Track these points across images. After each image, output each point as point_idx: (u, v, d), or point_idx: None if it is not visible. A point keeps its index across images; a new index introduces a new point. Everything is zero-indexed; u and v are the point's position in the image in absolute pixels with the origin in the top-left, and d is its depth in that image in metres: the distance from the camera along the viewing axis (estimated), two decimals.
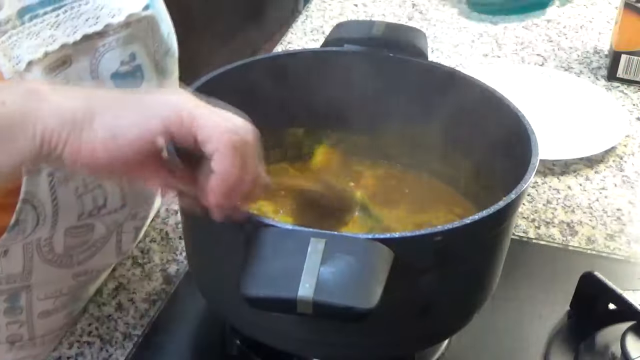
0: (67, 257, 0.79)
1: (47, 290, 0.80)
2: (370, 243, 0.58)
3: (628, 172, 1.07)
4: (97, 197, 0.76)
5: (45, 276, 0.79)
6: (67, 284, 0.82)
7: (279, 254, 0.58)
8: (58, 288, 0.81)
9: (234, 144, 0.57)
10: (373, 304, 0.55)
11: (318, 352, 0.72)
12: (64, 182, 0.72)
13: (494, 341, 0.80)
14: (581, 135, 1.12)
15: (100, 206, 0.77)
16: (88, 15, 0.73)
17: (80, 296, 0.85)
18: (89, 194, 0.75)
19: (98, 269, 0.84)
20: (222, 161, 0.57)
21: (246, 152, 0.58)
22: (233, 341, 0.78)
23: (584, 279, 0.82)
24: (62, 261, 0.79)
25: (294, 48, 1.31)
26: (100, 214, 0.77)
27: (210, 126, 0.57)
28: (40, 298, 0.80)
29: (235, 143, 0.57)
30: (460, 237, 0.63)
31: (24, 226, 0.72)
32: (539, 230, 0.97)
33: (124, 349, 0.79)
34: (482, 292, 0.71)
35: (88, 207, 0.76)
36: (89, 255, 0.81)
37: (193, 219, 0.71)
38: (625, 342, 0.74)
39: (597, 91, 1.21)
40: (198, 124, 0.57)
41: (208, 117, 0.58)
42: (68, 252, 0.79)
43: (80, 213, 0.76)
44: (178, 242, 0.93)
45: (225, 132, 0.57)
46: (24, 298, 0.79)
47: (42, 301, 0.81)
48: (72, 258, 0.79)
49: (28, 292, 0.79)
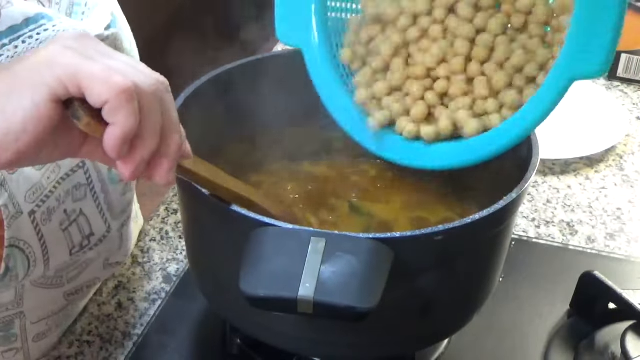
0: (58, 278, 0.78)
1: (39, 313, 0.79)
2: (371, 243, 0.58)
3: (628, 171, 1.07)
4: (82, 225, 0.75)
5: (38, 300, 0.77)
6: (59, 303, 0.81)
7: (280, 253, 0.58)
8: (51, 309, 0.80)
9: (125, 91, 0.50)
10: (373, 303, 0.55)
11: (318, 352, 0.72)
12: (47, 218, 0.70)
13: (494, 341, 0.80)
14: (581, 135, 1.12)
15: (88, 235, 0.76)
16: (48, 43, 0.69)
17: (72, 313, 0.84)
18: (74, 225, 0.74)
19: (88, 284, 0.83)
20: (114, 113, 0.50)
21: (147, 101, 0.52)
22: (233, 340, 0.78)
23: (584, 278, 0.82)
24: (52, 282, 0.78)
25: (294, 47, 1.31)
26: (91, 243, 0.76)
27: (95, 77, 0.50)
28: (33, 322, 0.79)
29: (126, 90, 0.50)
30: (461, 237, 0.63)
31: (16, 272, 0.69)
32: (539, 229, 0.97)
33: (123, 348, 0.79)
34: (482, 292, 0.71)
35: (77, 239, 0.75)
36: (78, 273, 0.80)
37: (193, 218, 0.71)
38: (625, 341, 0.74)
39: (597, 90, 1.21)
40: (83, 85, 0.50)
41: (90, 68, 0.50)
42: (58, 274, 0.78)
43: (70, 247, 0.74)
44: (178, 242, 0.93)
45: (112, 81, 0.50)
46: (18, 325, 0.78)
47: (35, 324, 0.79)
48: (62, 278, 0.79)
49: (22, 319, 0.77)
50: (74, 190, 0.74)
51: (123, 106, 0.50)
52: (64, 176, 0.73)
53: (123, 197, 0.80)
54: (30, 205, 0.69)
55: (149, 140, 0.52)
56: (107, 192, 0.78)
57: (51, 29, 0.69)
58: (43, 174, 0.71)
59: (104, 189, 0.77)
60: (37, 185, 0.70)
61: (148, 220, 0.96)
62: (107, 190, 0.78)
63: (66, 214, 0.73)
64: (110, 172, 0.78)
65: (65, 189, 0.73)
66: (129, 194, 0.81)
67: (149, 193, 1.25)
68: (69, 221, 0.74)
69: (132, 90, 0.50)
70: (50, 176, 0.72)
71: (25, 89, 0.50)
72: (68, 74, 0.50)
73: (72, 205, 0.74)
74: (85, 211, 0.75)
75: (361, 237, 0.59)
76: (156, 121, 0.53)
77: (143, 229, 0.94)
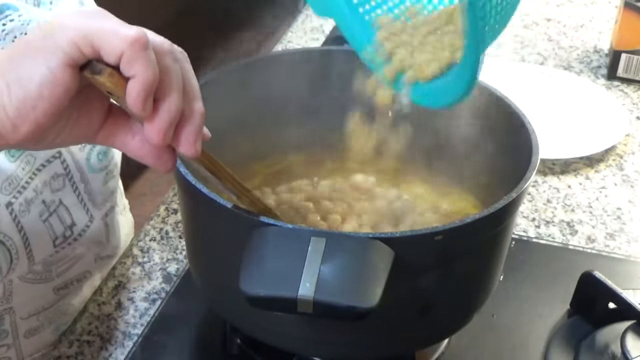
0: (46, 272, 0.78)
1: (29, 309, 0.79)
2: (371, 242, 0.58)
3: (628, 171, 1.07)
4: (63, 216, 0.75)
5: (27, 295, 0.77)
6: (48, 298, 0.81)
7: (280, 253, 0.58)
8: (40, 304, 0.80)
9: (137, 39, 0.50)
10: (373, 303, 0.55)
11: (318, 351, 0.72)
12: (25, 210, 0.70)
13: (494, 341, 0.80)
14: (581, 135, 1.12)
15: (70, 225, 0.76)
16: (14, 33, 0.68)
17: (66, 310, 0.84)
18: (54, 215, 0.74)
19: (78, 278, 0.83)
20: (131, 63, 0.50)
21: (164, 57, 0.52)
22: (233, 340, 0.78)
23: (584, 278, 0.82)
24: (41, 277, 0.78)
25: (294, 47, 1.31)
26: (74, 234, 0.76)
27: (107, 32, 0.50)
28: (23, 317, 0.79)
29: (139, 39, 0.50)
30: (461, 237, 0.63)
31: None
32: (539, 229, 0.97)
33: (123, 347, 0.79)
34: (482, 292, 0.71)
35: (59, 230, 0.74)
36: (68, 267, 0.80)
37: (193, 218, 0.71)
38: (625, 341, 0.74)
39: (597, 90, 1.21)
40: (97, 42, 0.50)
41: (102, 27, 0.51)
42: (47, 268, 0.78)
43: (53, 238, 0.74)
44: (178, 241, 0.93)
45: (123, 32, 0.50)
46: (8, 321, 0.78)
47: (25, 320, 0.80)
48: (51, 272, 0.79)
49: (11, 314, 0.78)
50: (52, 181, 0.74)
51: (138, 55, 0.50)
52: (39, 167, 0.72)
53: (105, 186, 0.79)
54: (6, 197, 0.69)
55: (172, 97, 0.53)
56: (86, 181, 0.77)
57: (17, 19, 0.69)
58: (18, 165, 0.70)
59: (83, 178, 0.76)
60: (13, 176, 0.69)
61: (148, 220, 0.96)
62: (86, 179, 0.77)
63: (45, 204, 0.73)
64: (89, 161, 0.77)
65: (42, 179, 0.73)
66: (111, 183, 0.80)
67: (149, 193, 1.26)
68: (48, 212, 0.73)
69: (145, 40, 0.51)
70: (25, 167, 0.71)
71: (40, 55, 0.50)
72: (81, 35, 0.50)
73: (50, 196, 0.73)
74: (65, 201, 0.75)
75: (361, 236, 0.59)
76: (177, 80, 0.53)
77: (143, 229, 0.94)
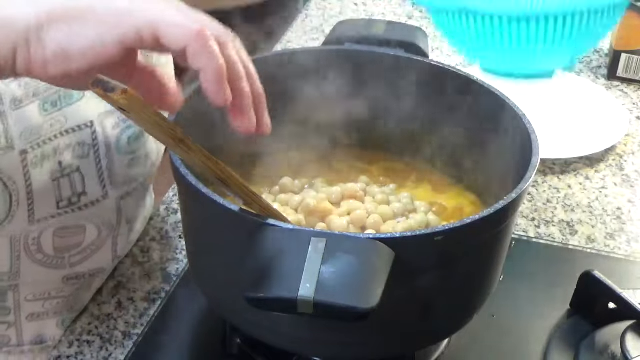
0: (59, 258, 0.78)
1: (35, 291, 0.79)
2: (371, 243, 0.58)
3: (628, 171, 1.07)
4: (75, 182, 0.74)
5: (34, 277, 0.78)
6: (56, 285, 0.81)
7: (280, 253, 0.58)
8: (47, 289, 0.80)
9: (200, 32, 0.53)
10: (374, 303, 0.55)
11: (318, 352, 0.72)
12: (39, 163, 0.70)
13: (494, 341, 0.81)
14: (581, 134, 1.12)
15: (80, 193, 0.75)
16: None
17: (74, 305, 0.84)
18: (66, 178, 0.73)
19: (91, 272, 0.83)
20: (198, 56, 0.53)
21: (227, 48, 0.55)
22: (233, 340, 0.78)
23: (583, 278, 0.82)
24: (52, 262, 0.78)
25: (293, 47, 1.31)
26: (81, 202, 0.76)
27: (173, 24, 0.53)
28: (28, 299, 0.79)
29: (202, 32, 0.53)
30: (461, 237, 0.63)
31: None
32: (539, 229, 0.97)
33: (123, 347, 0.79)
34: (482, 292, 0.71)
35: (66, 193, 0.74)
36: (83, 258, 0.80)
37: (193, 218, 0.71)
38: (625, 341, 0.74)
39: (597, 90, 1.21)
40: (161, 32, 0.52)
41: (170, 20, 0.53)
42: (60, 254, 0.78)
43: (58, 200, 0.74)
44: (178, 241, 0.93)
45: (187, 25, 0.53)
46: (12, 298, 0.78)
47: (30, 302, 0.80)
48: (64, 260, 0.79)
49: (16, 292, 0.78)
50: (76, 146, 0.74)
51: (203, 47, 0.52)
52: (68, 129, 0.73)
53: (128, 169, 0.80)
54: (24, 144, 0.69)
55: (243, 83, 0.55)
56: (111, 158, 0.77)
57: None
58: (47, 121, 0.71)
59: (108, 154, 0.77)
60: (37, 128, 0.70)
61: (148, 220, 0.96)
62: (112, 157, 0.77)
63: (60, 165, 0.73)
64: (119, 141, 0.78)
65: (67, 142, 0.73)
66: (136, 170, 0.80)
67: None
68: (61, 173, 0.73)
69: (208, 34, 0.53)
70: (55, 125, 0.71)
71: (99, 26, 0.53)
72: (147, 22, 0.52)
73: (70, 160, 0.73)
74: (83, 170, 0.75)
75: (361, 237, 0.59)
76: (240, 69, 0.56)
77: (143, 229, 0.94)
